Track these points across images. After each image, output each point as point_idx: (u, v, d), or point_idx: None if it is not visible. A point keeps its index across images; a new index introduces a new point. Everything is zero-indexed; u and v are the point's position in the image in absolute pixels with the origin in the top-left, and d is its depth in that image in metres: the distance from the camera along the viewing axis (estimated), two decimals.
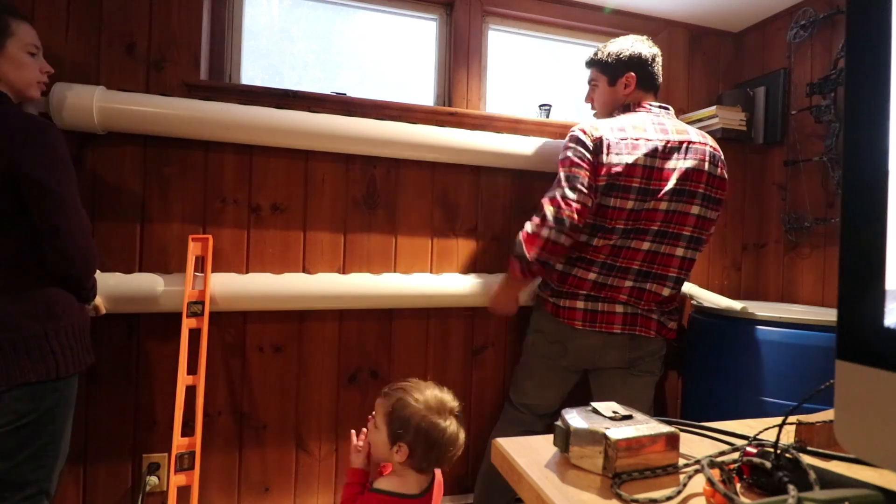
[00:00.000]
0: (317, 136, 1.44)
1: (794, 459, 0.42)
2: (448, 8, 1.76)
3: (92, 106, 1.26)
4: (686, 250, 1.35)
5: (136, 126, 1.33)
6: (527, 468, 0.48)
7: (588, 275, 1.35)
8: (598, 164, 1.29)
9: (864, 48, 0.30)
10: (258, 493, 1.50)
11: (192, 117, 1.34)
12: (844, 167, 0.31)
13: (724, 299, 1.59)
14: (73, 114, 1.26)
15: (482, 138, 1.59)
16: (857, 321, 0.31)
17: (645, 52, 1.40)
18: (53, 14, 1.33)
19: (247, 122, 1.38)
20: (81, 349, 1.08)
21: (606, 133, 1.31)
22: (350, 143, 1.48)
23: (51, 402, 1.02)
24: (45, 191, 0.98)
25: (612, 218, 1.30)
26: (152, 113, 1.32)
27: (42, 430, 1.02)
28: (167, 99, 1.34)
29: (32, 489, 1.01)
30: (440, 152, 1.56)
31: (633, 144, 1.29)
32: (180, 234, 1.43)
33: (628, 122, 1.34)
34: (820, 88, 1.68)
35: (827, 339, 1.35)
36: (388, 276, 1.53)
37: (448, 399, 1.10)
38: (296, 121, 1.42)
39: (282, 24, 1.68)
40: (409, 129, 1.53)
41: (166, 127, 1.34)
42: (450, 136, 1.56)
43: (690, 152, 1.32)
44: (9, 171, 0.95)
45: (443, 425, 1.05)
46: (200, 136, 1.38)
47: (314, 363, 1.54)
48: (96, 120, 1.28)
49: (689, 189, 1.31)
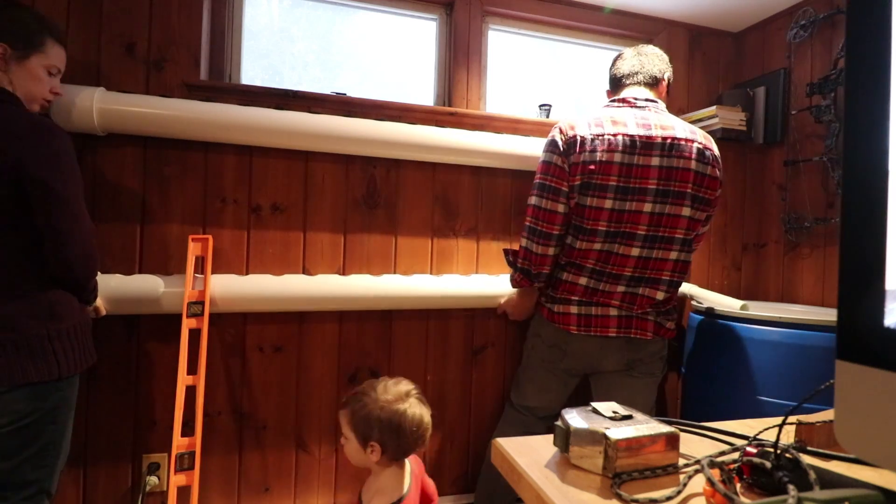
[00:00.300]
0: (316, 136, 1.44)
1: (794, 459, 0.42)
2: (448, 8, 1.76)
3: (92, 107, 1.27)
4: (679, 253, 1.33)
5: (136, 127, 1.33)
6: (527, 468, 0.48)
7: (579, 279, 1.34)
8: (572, 164, 1.29)
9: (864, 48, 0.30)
10: (258, 493, 1.50)
11: (191, 118, 1.34)
12: (844, 167, 0.31)
13: (725, 298, 1.58)
14: (72, 116, 1.26)
15: (482, 139, 1.59)
16: (857, 321, 0.31)
17: (612, 63, 1.46)
18: (53, 14, 1.33)
19: (246, 123, 1.38)
20: (83, 350, 1.08)
21: (582, 130, 1.30)
22: (350, 143, 1.48)
23: (52, 402, 1.03)
24: (49, 192, 0.98)
25: (591, 218, 1.29)
26: (152, 114, 1.32)
27: (43, 430, 1.02)
28: (167, 100, 1.34)
29: (33, 489, 1.02)
30: (440, 153, 1.56)
31: (610, 141, 1.27)
32: (180, 234, 1.43)
33: (608, 115, 1.32)
34: (820, 88, 1.68)
35: (827, 339, 1.35)
36: (388, 278, 1.54)
37: (402, 384, 1.13)
38: (295, 121, 1.43)
39: (282, 24, 1.68)
40: (409, 129, 1.53)
41: (166, 128, 1.34)
42: (449, 136, 1.56)
43: (675, 149, 1.27)
44: (15, 171, 0.95)
45: (402, 408, 1.07)
46: (200, 136, 1.38)
47: (314, 363, 1.54)
48: (96, 121, 1.28)
49: (676, 190, 1.27)
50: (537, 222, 1.34)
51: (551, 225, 1.32)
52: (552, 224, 1.32)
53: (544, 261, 1.36)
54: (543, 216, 1.33)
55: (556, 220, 1.32)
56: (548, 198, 1.32)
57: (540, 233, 1.34)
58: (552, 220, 1.32)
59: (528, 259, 1.37)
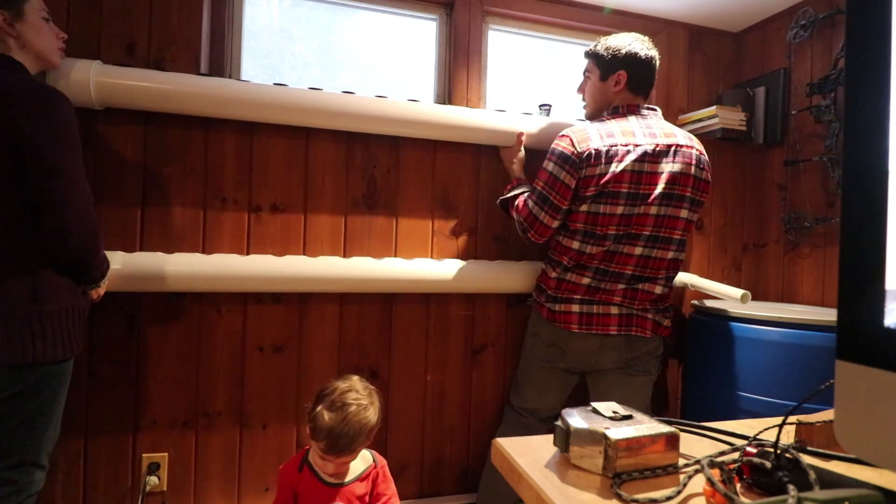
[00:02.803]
0: (317, 112, 1.43)
1: (794, 459, 0.42)
2: (448, 8, 1.76)
3: (89, 80, 1.25)
4: (676, 252, 1.37)
5: (135, 101, 1.31)
6: (527, 468, 0.48)
7: (582, 279, 1.36)
8: (585, 177, 1.30)
9: (864, 48, 0.30)
10: (258, 493, 1.50)
11: (191, 92, 1.33)
12: (844, 167, 0.31)
13: (725, 287, 1.58)
14: (69, 89, 1.24)
15: (483, 116, 1.58)
16: (857, 321, 0.31)
17: (641, 53, 1.37)
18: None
19: (247, 98, 1.37)
20: (69, 337, 1.05)
21: (595, 143, 1.30)
22: (350, 119, 1.47)
23: (36, 376, 1.01)
24: (43, 160, 0.96)
25: (603, 224, 1.31)
26: (152, 88, 1.30)
27: (27, 403, 1.01)
28: (166, 74, 1.33)
29: (18, 458, 1.01)
30: (441, 131, 1.56)
31: (623, 151, 1.29)
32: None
33: (618, 128, 1.33)
34: (820, 88, 1.68)
35: (827, 339, 1.35)
36: (389, 261, 1.53)
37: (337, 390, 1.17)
38: (295, 97, 1.41)
39: (282, 24, 1.68)
40: (410, 106, 1.52)
41: (166, 103, 1.33)
42: (451, 113, 1.56)
43: (678, 156, 1.32)
44: (10, 134, 0.95)
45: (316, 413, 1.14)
46: (201, 112, 1.37)
47: (314, 363, 1.54)
48: (94, 95, 1.27)
49: (678, 193, 1.32)
50: (530, 229, 1.40)
51: (541, 236, 1.40)
52: (542, 236, 1.40)
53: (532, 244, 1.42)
54: (538, 228, 1.39)
55: (547, 234, 1.39)
56: (547, 212, 1.35)
57: (528, 236, 1.42)
58: (543, 233, 1.39)
59: (522, 228, 1.43)
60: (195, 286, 1.36)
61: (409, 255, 1.62)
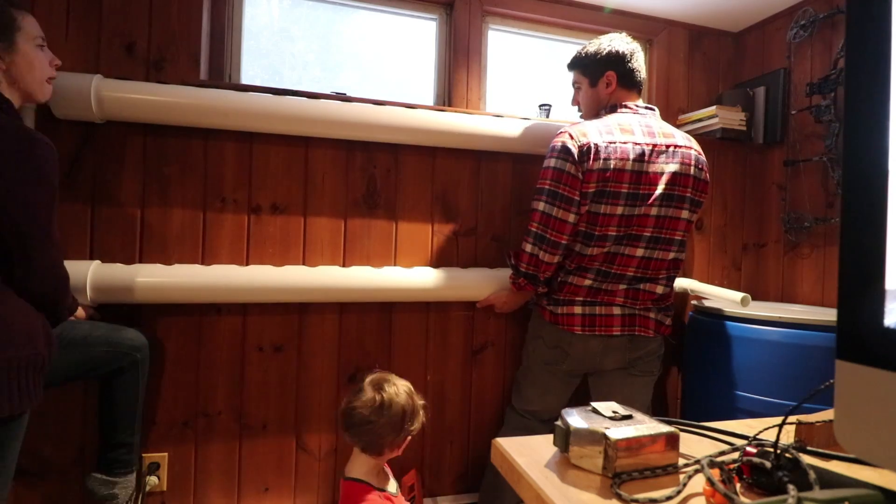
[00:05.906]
0: (315, 121, 1.43)
1: (794, 459, 0.42)
2: (448, 8, 1.76)
3: (90, 94, 1.26)
4: (677, 253, 1.37)
5: (136, 114, 1.32)
6: (527, 468, 0.48)
7: (584, 281, 1.35)
8: (587, 171, 1.28)
9: (864, 48, 0.30)
10: (258, 493, 1.50)
11: (191, 104, 1.33)
12: (844, 167, 0.31)
13: (725, 290, 1.58)
14: (70, 103, 1.25)
15: (481, 122, 1.58)
16: (857, 321, 0.31)
17: (622, 49, 1.37)
18: (53, 13, 1.33)
19: (245, 109, 1.37)
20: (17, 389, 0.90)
21: (594, 137, 1.29)
22: (348, 128, 1.47)
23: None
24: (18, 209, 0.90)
25: (603, 224, 1.30)
26: (151, 101, 1.31)
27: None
28: (166, 86, 1.33)
29: None
30: (439, 137, 1.55)
31: (622, 149, 1.28)
32: (180, 223, 1.42)
33: (615, 122, 1.32)
34: (820, 88, 1.68)
35: (827, 339, 1.35)
36: (388, 270, 1.53)
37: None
38: (294, 107, 1.41)
39: (282, 24, 1.68)
40: (409, 113, 1.52)
41: (165, 114, 1.33)
42: (449, 119, 1.55)
43: (677, 156, 1.31)
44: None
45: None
46: (200, 123, 1.38)
47: (314, 363, 1.54)
48: (94, 109, 1.27)
49: (678, 194, 1.31)
50: (546, 230, 1.30)
51: (560, 234, 1.30)
52: (561, 233, 1.30)
53: (550, 268, 1.35)
54: (554, 224, 1.30)
55: (566, 230, 1.30)
56: (560, 206, 1.29)
57: (549, 241, 1.31)
58: (562, 230, 1.30)
59: (535, 266, 1.34)
60: (194, 298, 1.36)
61: (408, 256, 1.62)
